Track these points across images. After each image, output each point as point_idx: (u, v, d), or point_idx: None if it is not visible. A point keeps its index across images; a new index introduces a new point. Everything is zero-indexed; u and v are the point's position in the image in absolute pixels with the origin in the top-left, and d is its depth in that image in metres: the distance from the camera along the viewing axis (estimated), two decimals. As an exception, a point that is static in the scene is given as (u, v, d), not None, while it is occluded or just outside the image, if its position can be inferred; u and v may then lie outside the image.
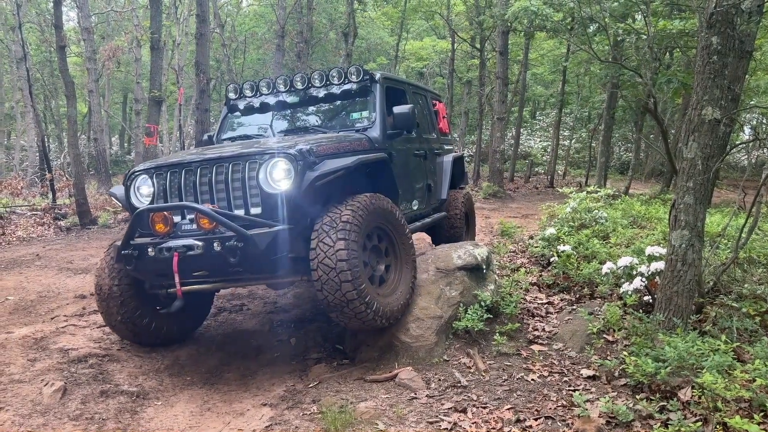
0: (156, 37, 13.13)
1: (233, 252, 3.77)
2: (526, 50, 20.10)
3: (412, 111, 5.20)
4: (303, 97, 5.54)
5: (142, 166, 4.42)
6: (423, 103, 6.64)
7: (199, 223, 3.90)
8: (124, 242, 4.07)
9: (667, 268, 4.20)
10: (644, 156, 24.32)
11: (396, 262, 4.59)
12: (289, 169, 3.97)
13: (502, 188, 17.19)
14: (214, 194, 4.12)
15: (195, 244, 3.84)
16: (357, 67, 5.33)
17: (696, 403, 3.35)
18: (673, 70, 12.69)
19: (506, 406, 3.71)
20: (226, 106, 5.91)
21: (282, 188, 3.97)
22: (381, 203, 4.40)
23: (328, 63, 25.70)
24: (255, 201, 4.04)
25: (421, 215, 6.18)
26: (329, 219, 4.02)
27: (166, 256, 3.88)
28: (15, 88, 22.25)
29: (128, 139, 32.25)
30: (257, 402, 3.96)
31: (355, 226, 4.00)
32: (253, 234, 3.80)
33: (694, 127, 4.03)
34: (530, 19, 13.53)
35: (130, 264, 4.09)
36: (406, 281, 4.56)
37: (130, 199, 4.35)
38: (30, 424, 3.64)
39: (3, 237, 9.88)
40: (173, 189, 4.22)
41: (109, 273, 4.57)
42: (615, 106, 16.85)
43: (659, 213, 8.70)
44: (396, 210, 4.57)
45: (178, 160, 4.30)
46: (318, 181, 4.02)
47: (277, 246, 3.90)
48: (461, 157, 7.52)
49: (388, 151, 5.18)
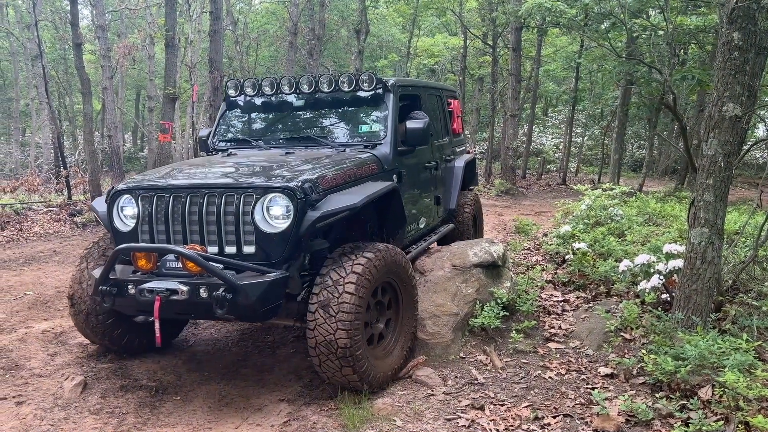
0: (170, 35, 13.16)
1: (221, 303, 3.42)
2: (539, 47, 19.97)
3: (426, 126, 4.87)
4: (309, 102, 5.15)
5: (127, 185, 3.99)
6: (437, 104, 6.32)
7: (185, 265, 3.52)
8: (102, 277, 3.67)
9: (686, 266, 4.17)
10: (658, 153, 24.12)
11: (396, 318, 4.21)
12: (288, 207, 3.62)
13: (515, 185, 17.13)
14: (204, 228, 3.73)
15: (179, 289, 3.46)
16: (369, 74, 4.91)
17: (717, 402, 3.32)
18: (689, 66, 12.58)
19: (524, 403, 3.70)
20: (225, 103, 5.49)
21: (279, 228, 3.63)
22: (395, 258, 4.02)
23: (339, 60, 25.72)
24: (249, 239, 3.67)
25: (428, 231, 5.88)
26: (333, 281, 3.62)
27: (148, 298, 3.52)
28: (30, 85, 22.40)
29: (141, 136, 32.44)
30: (275, 397, 3.98)
31: (362, 289, 3.63)
32: (244, 284, 3.43)
33: (715, 124, 3.99)
34: (543, 15, 13.47)
35: (107, 301, 3.70)
36: (402, 343, 4.18)
37: (112, 221, 3.96)
38: (51, 418, 3.69)
39: (21, 233, 9.99)
40: (159, 215, 3.81)
41: (82, 284, 4.30)
42: (629, 103, 16.71)
43: (675, 210, 8.62)
44: (408, 266, 4.24)
45: (166, 183, 3.92)
46: (319, 222, 3.66)
47: (271, 296, 3.56)
48: (473, 159, 7.20)
49: (398, 171, 4.87)
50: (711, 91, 4.33)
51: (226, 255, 3.69)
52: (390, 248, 4.02)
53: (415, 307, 4.37)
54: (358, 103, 5.03)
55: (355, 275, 3.63)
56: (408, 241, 5.26)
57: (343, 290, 3.58)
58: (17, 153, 23.91)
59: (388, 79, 5.05)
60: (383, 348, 4.05)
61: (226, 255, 3.69)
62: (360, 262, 3.70)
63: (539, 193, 17.72)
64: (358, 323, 3.60)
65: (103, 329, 4.34)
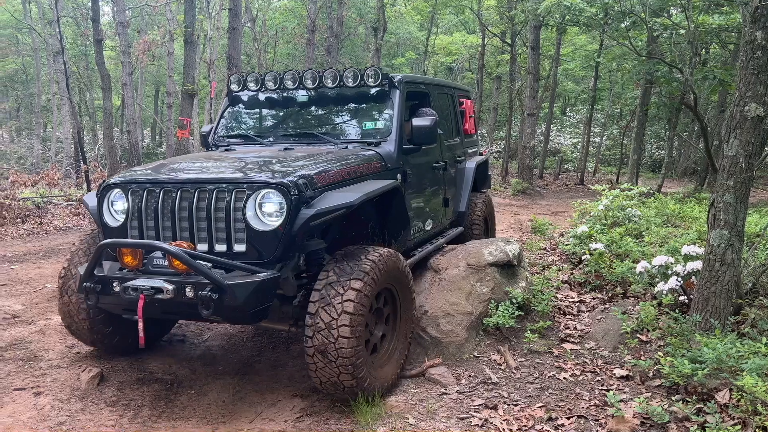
0: (189, 31, 13.27)
1: (206, 303, 3.25)
2: (558, 45, 19.82)
3: (434, 124, 4.66)
4: (313, 97, 4.99)
5: (118, 179, 3.87)
6: (448, 103, 6.10)
7: (172, 262, 3.34)
8: (87, 273, 3.51)
9: (705, 268, 4.12)
10: (677, 154, 23.85)
11: (394, 325, 4.04)
12: (281, 204, 3.46)
13: (532, 185, 17.03)
14: (194, 224, 3.58)
15: (165, 288, 3.29)
16: (375, 68, 4.73)
17: (735, 406, 3.28)
18: (711, 66, 12.41)
19: (538, 403, 3.68)
20: (228, 98, 5.33)
21: (271, 226, 3.47)
22: (396, 263, 3.87)
23: (357, 58, 25.73)
24: (240, 237, 3.52)
25: (435, 233, 5.65)
26: (334, 292, 3.45)
27: (132, 296, 3.36)
28: (52, 80, 22.72)
29: (159, 132, 32.76)
30: (288, 393, 4.00)
31: (365, 297, 3.47)
32: (231, 284, 3.27)
33: (736, 124, 3.94)
34: (563, 13, 13.36)
35: (92, 299, 3.54)
36: (399, 352, 4.02)
37: (102, 215, 3.82)
38: (69, 409, 3.74)
39: (41, 226, 10.12)
40: (149, 210, 3.67)
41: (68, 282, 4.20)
42: (648, 103, 16.54)
43: (694, 212, 8.52)
44: (408, 271, 4.09)
45: (157, 177, 3.79)
46: (314, 220, 3.48)
47: (260, 297, 3.40)
48: (486, 161, 6.97)
49: (403, 170, 4.69)
50: (733, 91, 4.27)
51: (216, 253, 3.54)
52: (390, 255, 3.83)
53: (412, 314, 4.23)
54: (363, 100, 4.89)
55: (356, 285, 3.46)
56: (412, 244, 5.05)
57: (345, 297, 3.42)
58: (38, 147, 24.25)
59: (395, 75, 4.90)
60: (382, 356, 3.89)
61: (216, 253, 3.54)
62: (364, 267, 3.55)
63: (556, 193, 17.60)
64: (360, 329, 3.46)
65: (96, 328, 4.17)
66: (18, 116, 31.78)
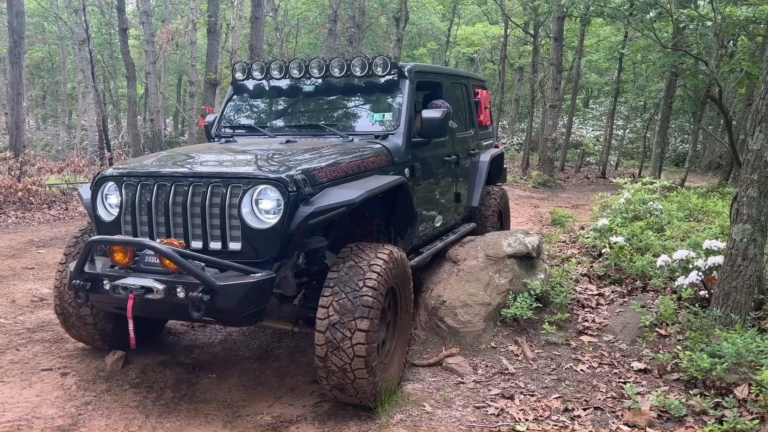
0: (212, 21, 13.38)
1: (198, 304, 3.11)
2: (582, 37, 19.58)
3: (444, 116, 4.47)
4: (319, 87, 4.78)
5: (113, 171, 3.70)
6: (462, 93, 5.87)
7: (162, 261, 3.20)
8: (77, 271, 3.36)
9: (727, 263, 4.08)
10: (702, 148, 23.47)
11: (394, 323, 3.88)
12: (278, 201, 3.28)
13: (552, 177, 16.91)
14: (188, 220, 3.42)
15: (155, 287, 3.14)
16: (384, 57, 4.52)
17: (753, 401, 3.27)
18: (738, 59, 12.18)
19: (554, 394, 3.70)
20: (232, 87, 5.12)
21: (268, 224, 3.30)
22: (402, 261, 3.74)
23: (378, 48, 25.67)
24: (235, 234, 3.35)
25: (445, 230, 5.47)
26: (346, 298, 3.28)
27: (122, 295, 3.21)
28: (77, 69, 23.03)
29: (182, 121, 33.06)
30: (307, 379, 4.06)
31: (377, 302, 3.33)
32: (223, 285, 3.12)
33: (762, 118, 3.89)
34: (587, 4, 13.20)
35: (82, 297, 3.42)
36: (400, 350, 3.90)
37: (96, 209, 3.67)
38: (94, 389, 3.84)
39: (66, 212, 10.33)
40: (143, 204, 3.52)
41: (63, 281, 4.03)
42: (673, 96, 16.30)
43: (717, 207, 8.41)
44: (409, 269, 3.96)
45: (151, 170, 3.61)
46: (312, 218, 3.31)
47: (254, 299, 3.26)
48: (501, 154, 6.69)
49: (411, 164, 4.49)
50: (760, 84, 4.21)
51: (210, 251, 3.38)
52: (397, 253, 3.70)
53: (411, 313, 4.12)
54: (371, 90, 4.68)
55: (373, 280, 3.33)
56: (420, 242, 4.90)
57: (362, 294, 3.28)
58: (64, 135, 24.66)
59: (405, 64, 4.71)
60: (386, 355, 3.74)
61: (210, 251, 3.38)
62: (377, 264, 3.42)
63: (577, 186, 17.46)
64: (375, 330, 3.33)
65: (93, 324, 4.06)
66: (44, 104, 32.34)
